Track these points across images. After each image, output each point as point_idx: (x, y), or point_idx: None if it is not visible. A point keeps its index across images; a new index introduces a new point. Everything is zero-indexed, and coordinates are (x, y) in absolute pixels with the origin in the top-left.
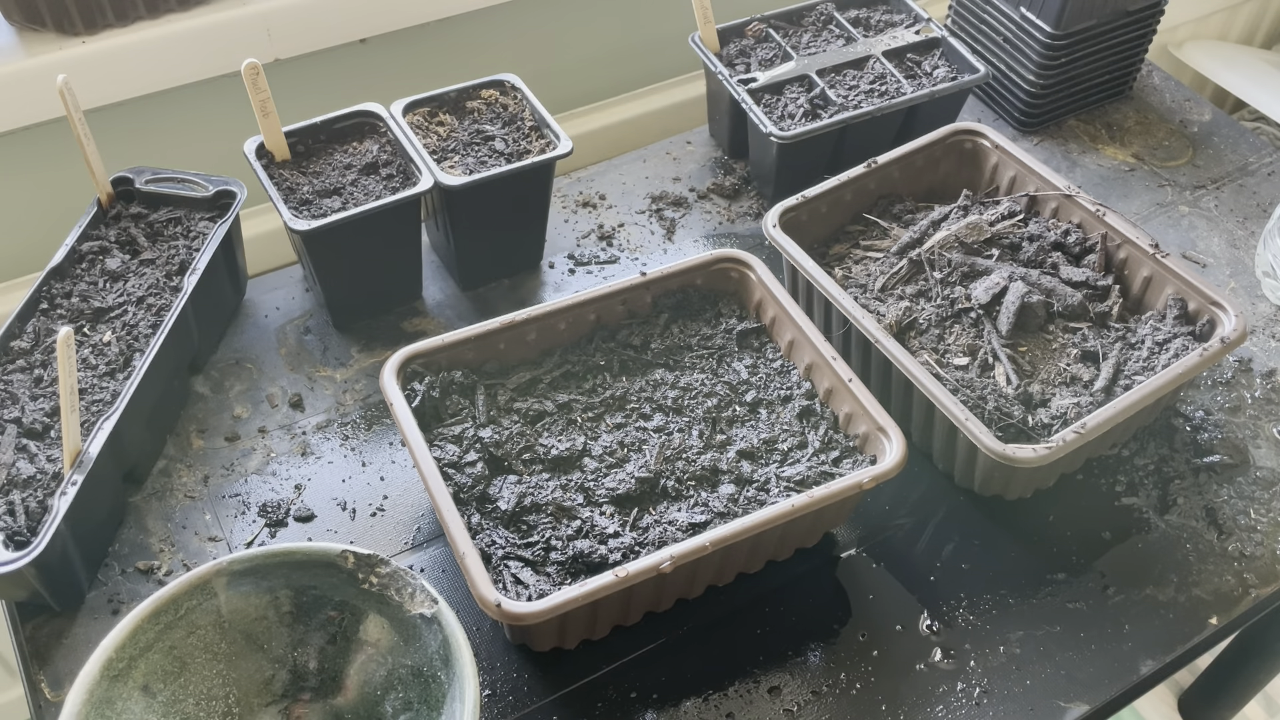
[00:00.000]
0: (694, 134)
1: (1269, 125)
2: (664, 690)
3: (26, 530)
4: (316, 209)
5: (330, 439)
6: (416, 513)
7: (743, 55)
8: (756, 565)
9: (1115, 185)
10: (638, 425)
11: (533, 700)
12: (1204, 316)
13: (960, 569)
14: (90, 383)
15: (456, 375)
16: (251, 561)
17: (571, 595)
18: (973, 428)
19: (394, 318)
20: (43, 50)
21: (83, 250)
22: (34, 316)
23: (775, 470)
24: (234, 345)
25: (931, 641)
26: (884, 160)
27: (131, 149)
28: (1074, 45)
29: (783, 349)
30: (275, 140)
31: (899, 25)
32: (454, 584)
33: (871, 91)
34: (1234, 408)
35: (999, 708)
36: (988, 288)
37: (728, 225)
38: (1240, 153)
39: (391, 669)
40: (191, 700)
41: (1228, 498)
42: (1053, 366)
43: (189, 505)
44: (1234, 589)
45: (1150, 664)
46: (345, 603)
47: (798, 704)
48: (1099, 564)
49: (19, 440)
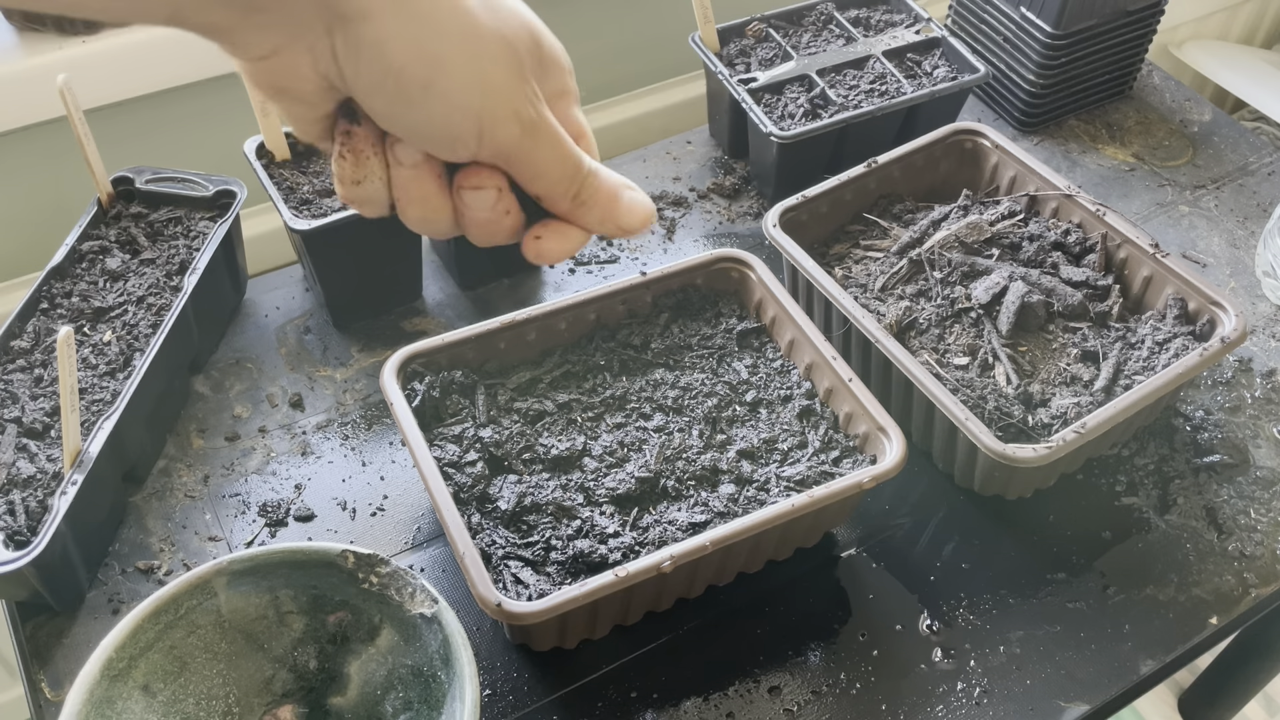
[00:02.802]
0: (694, 134)
1: (1269, 125)
2: (664, 690)
3: (26, 530)
4: (316, 209)
5: (330, 439)
6: (416, 513)
7: (743, 55)
8: (756, 565)
9: (1115, 185)
10: (638, 425)
11: (533, 700)
12: (1204, 316)
13: (960, 569)
14: (90, 382)
15: (456, 375)
16: (252, 561)
17: (571, 595)
18: (973, 427)
19: (394, 318)
20: (43, 50)
21: (83, 250)
22: (34, 316)
23: (775, 470)
24: (234, 345)
25: (931, 641)
26: (884, 160)
27: (131, 149)
28: (1074, 45)
29: (783, 349)
30: (275, 140)
31: (899, 25)
32: (454, 584)
33: (871, 91)
34: (1234, 407)
35: (999, 708)
36: (988, 287)
37: (728, 225)
38: (1240, 153)
39: (391, 669)
40: (191, 700)
41: (1228, 497)
42: (1053, 366)
43: (189, 505)
44: (1234, 589)
45: (1150, 664)
46: (348, 602)
47: (798, 704)
48: (1099, 564)
49: (19, 440)
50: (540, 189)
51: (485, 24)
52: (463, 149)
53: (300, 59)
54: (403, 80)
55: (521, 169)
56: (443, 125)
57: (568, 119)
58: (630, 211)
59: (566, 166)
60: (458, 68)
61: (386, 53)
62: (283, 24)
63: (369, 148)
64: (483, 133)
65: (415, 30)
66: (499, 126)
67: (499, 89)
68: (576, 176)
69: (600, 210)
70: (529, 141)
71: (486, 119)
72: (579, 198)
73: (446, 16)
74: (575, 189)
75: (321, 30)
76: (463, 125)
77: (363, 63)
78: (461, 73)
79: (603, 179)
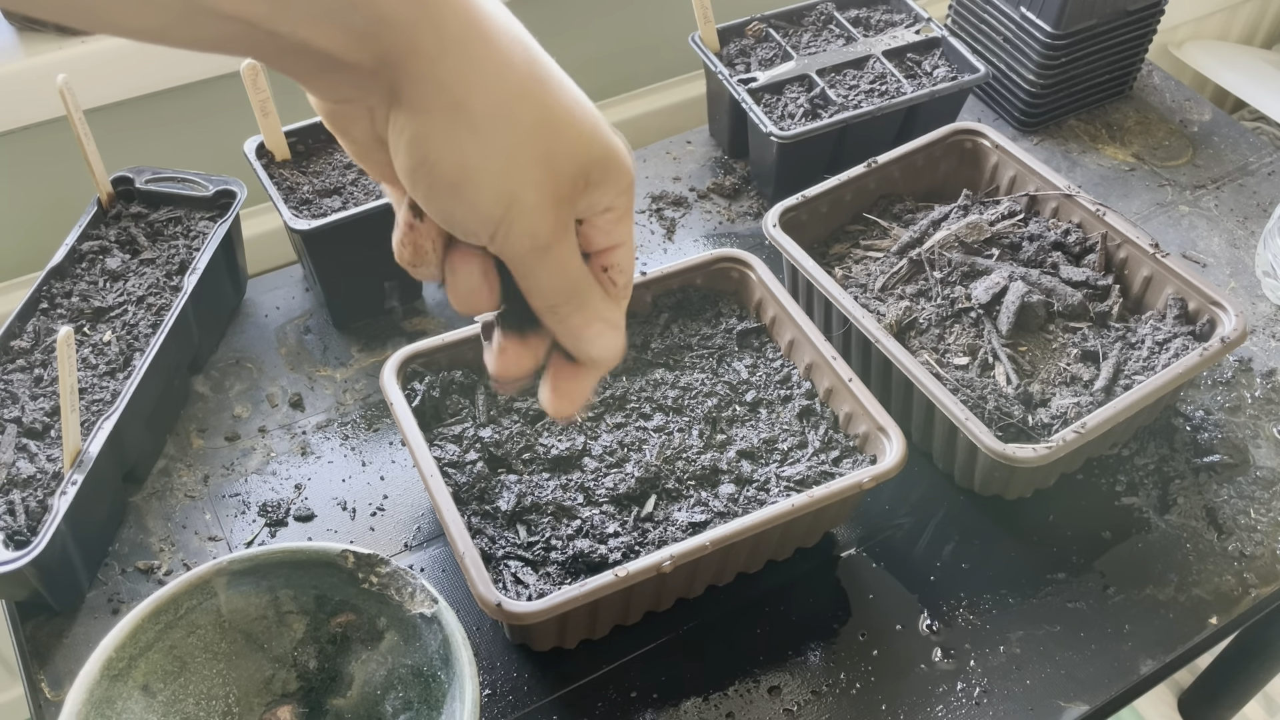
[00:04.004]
0: (694, 134)
1: (1269, 125)
2: (664, 690)
3: (26, 530)
4: (316, 209)
5: (330, 439)
6: (416, 513)
7: (743, 55)
8: (756, 565)
9: (1115, 185)
10: (638, 425)
11: (533, 700)
12: (1204, 316)
13: (960, 569)
14: (90, 382)
15: (456, 375)
16: (252, 561)
17: (571, 595)
18: (973, 427)
19: (394, 317)
20: (43, 50)
21: (83, 250)
22: (34, 316)
23: (775, 470)
24: (234, 345)
25: (931, 641)
26: (884, 160)
27: (131, 149)
28: (1074, 45)
29: (783, 349)
30: (275, 140)
31: (899, 25)
32: (454, 584)
33: (871, 91)
34: (1234, 407)
35: (999, 707)
36: (988, 287)
37: (728, 225)
38: (1240, 152)
39: (391, 669)
40: (191, 700)
41: (1228, 497)
42: (1053, 366)
43: (189, 505)
44: (1234, 589)
45: (1150, 664)
46: (348, 602)
47: (798, 704)
48: (1099, 564)
49: (19, 440)
50: (526, 287)
51: (535, 142)
52: (474, 241)
53: (360, 115)
54: (434, 175)
55: (519, 275)
56: (460, 221)
57: (608, 232)
58: (596, 339)
59: (559, 291)
60: (488, 181)
61: (427, 147)
62: (349, 86)
63: (429, 243)
64: (495, 238)
65: (460, 138)
66: (511, 240)
67: (523, 210)
68: (567, 300)
69: (566, 329)
70: (533, 259)
71: (502, 229)
72: (556, 312)
73: (495, 129)
74: (556, 304)
75: (382, 100)
76: (479, 228)
77: (403, 146)
78: (491, 187)
79: (588, 308)
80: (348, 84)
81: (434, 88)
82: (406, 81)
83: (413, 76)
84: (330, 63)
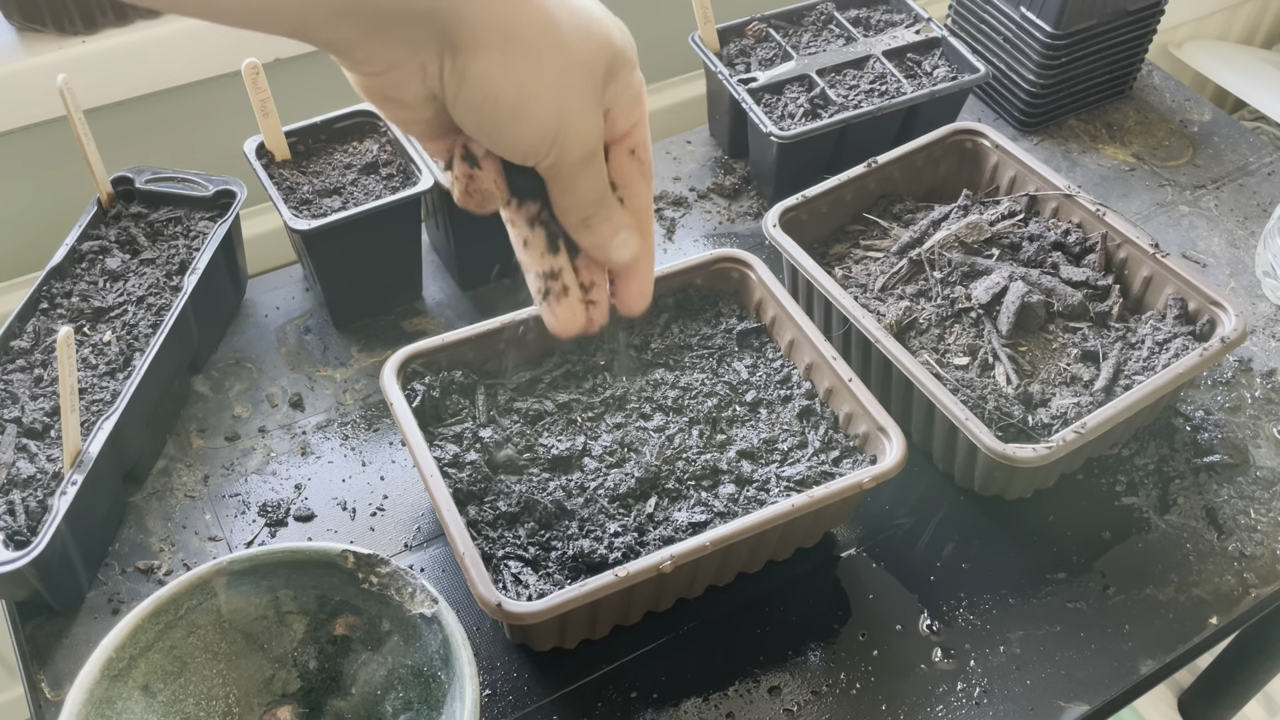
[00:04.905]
0: (694, 134)
1: (1269, 125)
2: (664, 690)
3: (26, 530)
4: (316, 209)
5: (330, 439)
6: (416, 513)
7: (743, 55)
8: (756, 565)
9: (1115, 185)
10: (638, 425)
11: (533, 700)
12: (1204, 316)
13: (960, 569)
14: (90, 382)
15: (456, 375)
16: (251, 561)
17: (571, 595)
18: (973, 427)
19: (394, 318)
20: (43, 50)
21: (83, 250)
22: (34, 316)
23: (775, 470)
24: (234, 345)
25: (931, 641)
26: (884, 160)
27: (131, 149)
28: (1074, 45)
29: (783, 349)
30: (275, 140)
31: (899, 25)
32: (454, 584)
33: (871, 91)
34: (1234, 407)
35: (999, 707)
36: (988, 287)
37: (728, 225)
38: (1240, 152)
39: (391, 669)
40: (191, 700)
41: (1228, 497)
42: (1053, 366)
43: (189, 505)
44: (1234, 589)
45: (1150, 664)
46: (349, 603)
47: (798, 704)
48: (1099, 564)
49: (19, 440)
50: (566, 203)
51: (575, 50)
52: (533, 161)
53: (411, 75)
54: (498, 106)
55: (561, 185)
56: (526, 144)
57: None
58: (623, 246)
59: (595, 200)
60: (547, 99)
61: (488, 82)
62: (401, 43)
63: (490, 183)
64: (551, 152)
65: (516, 64)
66: (566, 149)
67: (576, 118)
68: (599, 209)
69: (597, 238)
70: (581, 169)
71: (559, 141)
72: (589, 223)
73: (544, 48)
74: (590, 215)
75: (434, 53)
76: (541, 146)
77: (464, 88)
78: (549, 104)
79: (614, 215)
80: (398, 41)
81: (486, 25)
82: (459, 25)
83: (465, 20)
84: (382, 20)
